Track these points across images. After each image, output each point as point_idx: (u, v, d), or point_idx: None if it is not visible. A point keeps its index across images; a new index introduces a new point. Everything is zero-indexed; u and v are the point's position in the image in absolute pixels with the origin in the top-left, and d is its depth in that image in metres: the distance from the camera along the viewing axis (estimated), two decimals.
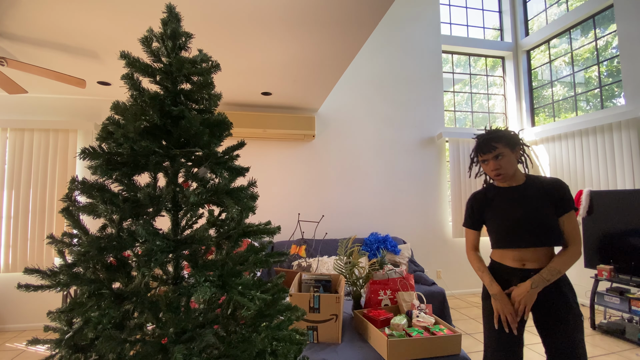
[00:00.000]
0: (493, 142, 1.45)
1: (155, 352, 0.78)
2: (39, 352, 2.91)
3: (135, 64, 0.88)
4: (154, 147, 0.85)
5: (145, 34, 0.92)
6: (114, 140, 0.86)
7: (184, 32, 0.95)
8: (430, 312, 1.93)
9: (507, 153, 1.45)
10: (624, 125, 3.65)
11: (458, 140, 4.68)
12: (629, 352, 2.84)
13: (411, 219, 4.54)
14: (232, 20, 2.15)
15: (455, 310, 3.96)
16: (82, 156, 0.84)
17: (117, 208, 0.82)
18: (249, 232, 0.96)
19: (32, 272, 0.80)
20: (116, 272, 0.85)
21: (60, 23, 2.17)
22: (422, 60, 4.79)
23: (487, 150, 1.46)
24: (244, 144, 1.02)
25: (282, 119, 3.94)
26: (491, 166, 1.48)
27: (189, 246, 0.87)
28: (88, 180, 0.85)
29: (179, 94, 0.93)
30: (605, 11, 4.08)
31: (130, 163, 0.87)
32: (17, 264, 3.39)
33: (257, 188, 1.01)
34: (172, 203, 0.90)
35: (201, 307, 0.96)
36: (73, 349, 0.79)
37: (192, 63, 0.93)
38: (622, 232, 3.28)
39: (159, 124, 0.89)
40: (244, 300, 0.82)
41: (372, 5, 2.05)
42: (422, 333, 1.62)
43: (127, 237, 0.82)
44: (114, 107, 0.86)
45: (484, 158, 1.50)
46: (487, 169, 1.52)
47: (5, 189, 3.44)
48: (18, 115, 3.55)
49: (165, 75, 0.92)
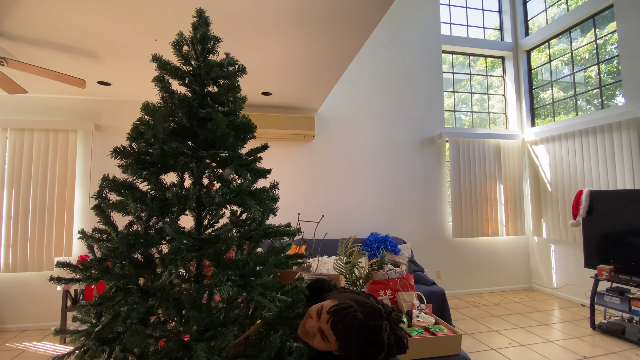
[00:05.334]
0: None
1: (178, 348, 0.79)
2: (38, 352, 2.91)
3: (166, 66, 0.90)
4: (183, 149, 0.87)
5: (176, 37, 0.95)
6: (144, 140, 0.88)
7: (212, 36, 0.97)
8: (430, 312, 1.93)
9: None
10: (624, 125, 3.65)
11: (458, 140, 4.68)
12: (629, 352, 2.84)
13: (411, 219, 4.54)
14: (231, 21, 2.15)
15: (455, 310, 3.96)
16: (114, 155, 0.87)
17: (145, 206, 0.84)
18: (270, 233, 0.96)
19: (64, 265, 0.83)
20: (143, 269, 0.87)
21: (60, 23, 2.17)
22: (422, 60, 4.79)
23: None
24: (267, 146, 1.05)
25: (282, 119, 3.94)
26: None
27: (213, 245, 0.88)
28: (118, 178, 0.88)
29: (206, 97, 0.95)
30: (605, 11, 4.08)
31: (159, 163, 0.89)
32: (17, 264, 3.39)
33: (278, 190, 1.02)
34: (196, 203, 0.92)
35: (220, 305, 0.97)
36: (100, 342, 0.81)
37: (220, 66, 0.95)
38: (622, 232, 3.28)
39: (187, 126, 0.91)
40: (265, 301, 0.82)
41: (372, 5, 2.05)
42: (422, 333, 1.62)
43: (155, 235, 0.85)
44: (144, 108, 0.88)
45: None
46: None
47: (5, 189, 3.43)
48: (18, 115, 3.55)
49: (194, 78, 0.94)
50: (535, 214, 4.76)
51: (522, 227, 4.82)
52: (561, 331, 3.31)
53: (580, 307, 4.02)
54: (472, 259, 4.71)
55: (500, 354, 2.84)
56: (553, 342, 3.07)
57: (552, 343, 3.04)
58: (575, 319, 3.63)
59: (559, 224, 4.37)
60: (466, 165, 4.69)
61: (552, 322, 3.58)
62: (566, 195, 4.26)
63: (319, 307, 0.90)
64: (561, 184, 4.35)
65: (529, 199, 4.89)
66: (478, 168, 4.74)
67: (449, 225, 4.67)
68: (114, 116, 3.78)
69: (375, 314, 0.85)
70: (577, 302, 4.16)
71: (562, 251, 4.42)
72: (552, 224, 4.48)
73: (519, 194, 4.86)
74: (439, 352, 1.54)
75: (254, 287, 0.83)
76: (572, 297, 4.25)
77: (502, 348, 2.94)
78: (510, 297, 4.46)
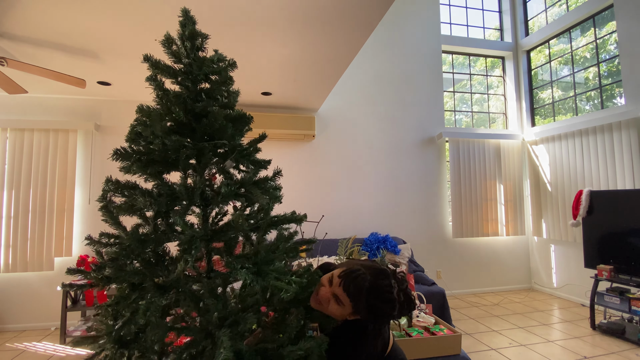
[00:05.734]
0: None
1: (201, 338, 0.80)
2: (38, 352, 2.92)
3: (158, 65, 0.92)
4: (184, 142, 0.88)
5: (163, 37, 0.95)
6: (143, 139, 0.90)
7: (200, 32, 0.98)
8: (430, 312, 1.93)
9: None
10: (624, 125, 3.65)
11: (458, 140, 4.68)
12: (629, 352, 2.84)
13: (411, 219, 4.54)
14: (231, 21, 2.15)
15: (455, 310, 3.96)
16: (115, 157, 0.88)
17: (154, 200, 0.85)
18: (277, 221, 0.98)
19: (75, 272, 0.84)
20: (155, 266, 0.88)
21: (60, 23, 2.17)
22: (422, 60, 4.79)
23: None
24: (265, 136, 1.06)
25: (282, 119, 3.94)
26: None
27: (224, 234, 0.90)
28: (121, 180, 0.90)
29: (200, 93, 0.96)
30: (605, 11, 4.08)
31: (161, 161, 0.91)
32: (17, 264, 3.39)
33: (281, 177, 1.04)
34: (200, 198, 0.93)
35: (237, 293, 0.99)
36: (118, 344, 0.82)
37: (211, 62, 0.97)
38: (622, 232, 3.28)
39: (185, 122, 0.92)
40: (282, 284, 0.85)
41: (372, 5, 2.05)
42: (422, 333, 1.62)
43: (164, 232, 0.87)
44: (140, 110, 0.90)
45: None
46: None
47: (5, 189, 3.43)
48: (18, 115, 3.55)
49: (186, 76, 0.95)
50: (535, 214, 4.76)
51: (522, 227, 4.82)
52: (561, 331, 3.31)
53: (580, 307, 4.02)
54: (472, 259, 4.71)
55: (500, 354, 2.84)
56: (553, 342, 3.07)
57: (552, 343, 3.04)
58: (575, 319, 3.63)
59: (559, 224, 4.37)
60: (466, 165, 4.68)
61: (552, 322, 3.58)
62: (566, 195, 4.26)
63: (329, 275, 0.95)
64: (561, 184, 4.35)
65: (529, 199, 4.89)
66: (478, 168, 4.74)
67: (449, 225, 4.66)
68: (114, 116, 3.78)
69: (383, 274, 0.91)
70: (577, 302, 4.16)
71: (562, 251, 4.42)
72: (552, 224, 4.48)
73: (519, 194, 4.86)
74: (439, 352, 1.54)
75: (268, 273, 0.86)
76: (572, 297, 4.25)
77: (502, 348, 2.94)
78: (510, 297, 4.46)
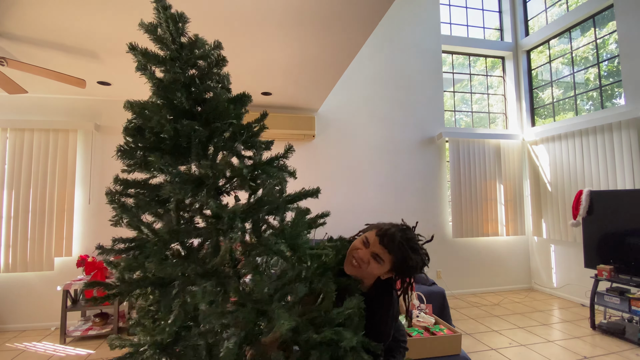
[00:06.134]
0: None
1: (254, 316, 0.80)
2: (38, 352, 2.91)
3: (146, 54, 0.88)
4: (195, 124, 0.86)
5: (146, 23, 0.91)
6: (149, 130, 0.86)
7: (180, 14, 0.92)
8: (430, 312, 1.93)
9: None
10: (624, 125, 3.65)
11: (458, 140, 4.68)
12: (629, 352, 2.83)
13: (411, 218, 4.52)
14: (231, 21, 2.15)
15: (455, 310, 3.95)
16: (119, 155, 0.86)
17: (183, 184, 0.83)
18: (294, 198, 0.99)
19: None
20: (186, 258, 0.87)
21: (60, 23, 2.17)
22: (422, 60, 4.78)
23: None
24: (267, 114, 1.05)
25: (282, 119, 3.94)
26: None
27: (260, 209, 0.90)
28: (129, 178, 0.89)
29: (193, 78, 0.94)
30: (605, 11, 4.08)
31: (169, 150, 0.88)
32: (17, 264, 3.39)
33: (293, 153, 1.02)
34: (225, 179, 0.92)
35: (275, 269, 0.99)
36: (159, 348, 0.81)
37: (202, 44, 0.93)
38: (622, 232, 3.28)
39: (186, 108, 0.90)
40: (319, 251, 0.90)
41: (372, 5, 2.05)
42: (422, 333, 1.62)
43: (200, 214, 0.86)
44: (130, 106, 0.86)
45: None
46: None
47: (5, 189, 3.43)
48: (18, 115, 3.54)
49: (173, 62, 0.91)
50: (535, 214, 4.75)
51: (522, 227, 4.82)
52: (561, 331, 3.31)
53: (580, 307, 4.02)
54: (472, 259, 4.71)
55: (500, 354, 2.84)
56: (553, 342, 3.07)
57: (552, 343, 3.04)
58: (575, 319, 3.63)
59: (559, 224, 4.37)
60: (466, 165, 4.68)
61: (552, 322, 3.58)
62: (566, 195, 4.25)
63: (362, 238, 1.04)
64: (561, 184, 4.35)
65: (529, 199, 4.88)
66: (478, 168, 4.74)
67: (449, 225, 4.66)
68: (114, 116, 3.78)
69: (408, 229, 1.07)
70: (577, 302, 4.16)
71: (562, 251, 4.41)
72: (552, 224, 4.48)
73: (519, 194, 4.86)
74: (439, 352, 1.54)
75: (300, 245, 0.90)
76: (572, 297, 4.25)
77: (502, 348, 2.94)
78: (510, 297, 4.46)
